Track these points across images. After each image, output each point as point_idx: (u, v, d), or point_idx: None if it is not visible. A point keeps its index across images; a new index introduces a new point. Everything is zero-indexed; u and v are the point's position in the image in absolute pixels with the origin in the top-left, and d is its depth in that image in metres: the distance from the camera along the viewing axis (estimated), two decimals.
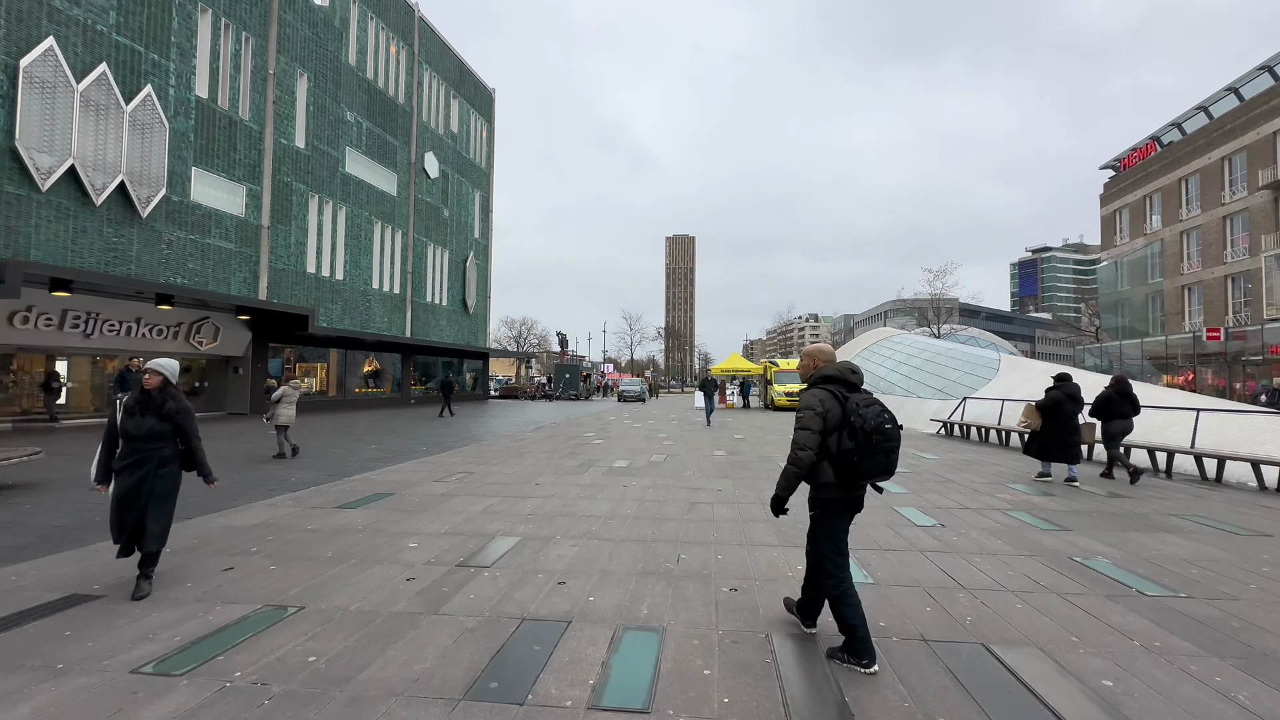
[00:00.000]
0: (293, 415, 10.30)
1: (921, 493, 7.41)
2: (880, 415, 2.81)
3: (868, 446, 2.76)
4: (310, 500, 6.76)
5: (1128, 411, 8.44)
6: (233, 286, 19.12)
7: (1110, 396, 8.50)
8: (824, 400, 2.92)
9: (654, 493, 7.33)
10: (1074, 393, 8.23)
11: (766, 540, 5.18)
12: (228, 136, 19.00)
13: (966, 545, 5.02)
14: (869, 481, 2.90)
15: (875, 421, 2.78)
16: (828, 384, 3.00)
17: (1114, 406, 8.47)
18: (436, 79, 31.31)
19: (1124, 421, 8.47)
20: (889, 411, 2.89)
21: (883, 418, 2.81)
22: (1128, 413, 8.45)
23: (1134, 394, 8.52)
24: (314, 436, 13.59)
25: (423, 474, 8.66)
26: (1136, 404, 8.49)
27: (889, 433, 2.79)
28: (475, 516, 6.02)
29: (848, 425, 2.82)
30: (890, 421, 2.83)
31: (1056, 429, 8.08)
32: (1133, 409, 8.46)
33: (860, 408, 2.82)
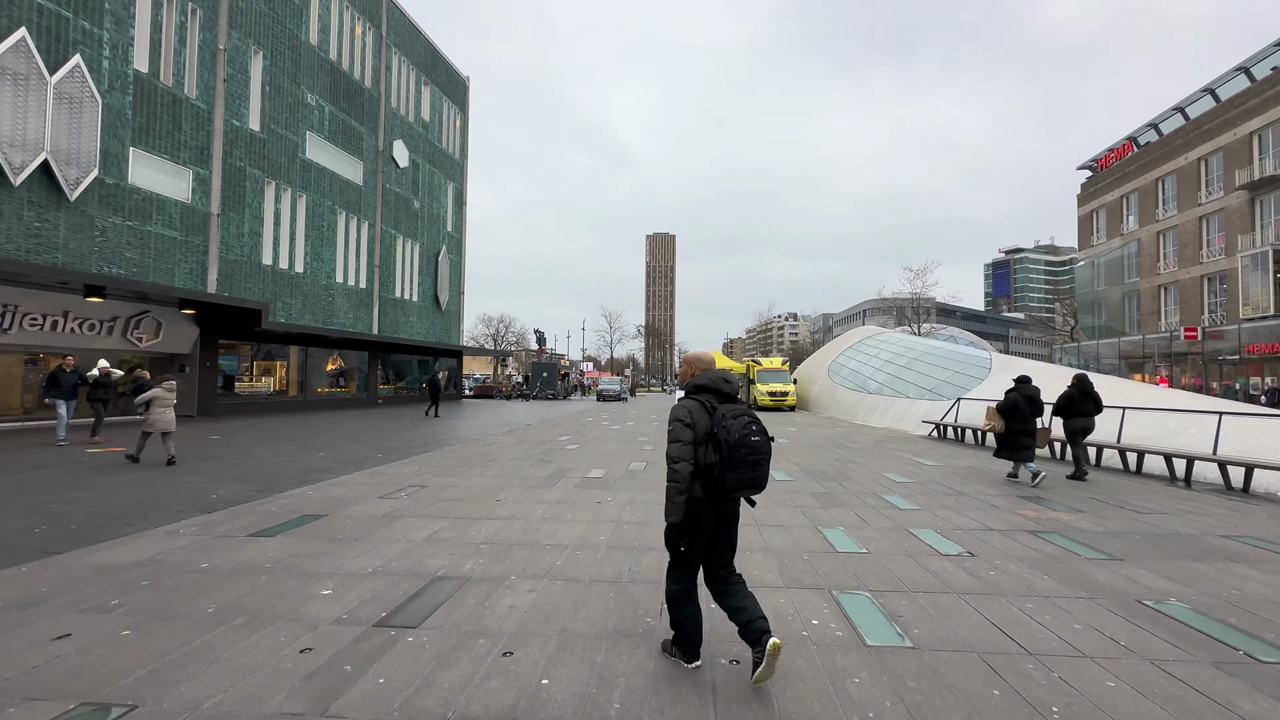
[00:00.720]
0: (171, 419, 9.22)
1: (934, 509, 6.57)
2: (746, 427, 2.69)
3: (731, 459, 2.64)
4: (222, 525, 5.65)
5: (1090, 410, 8.52)
6: (177, 278, 17.65)
7: (1072, 395, 8.56)
8: (693, 411, 2.81)
9: (632, 511, 6.37)
10: (1032, 395, 8.36)
11: (767, 578, 4.26)
12: (171, 115, 17.51)
13: (1009, 583, 4.15)
14: (738, 496, 2.80)
15: (740, 434, 2.65)
16: (699, 394, 2.89)
17: (1076, 405, 8.54)
18: (406, 64, 29.88)
19: (1085, 420, 8.54)
20: (758, 423, 2.77)
21: (749, 429, 2.69)
22: (1090, 411, 8.52)
23: (1095, 392, 8.56)
24: (261, 442, 12.34)
25: (368, 488, 7.57)
26: (1099, 402, 8.52)
27: (755, 445, 2.67)
28: (416, 547, 4.99)
29: (713, 437, 2.70)
30: (758, 433, 2.71)
31: (1018, 431, 8.23)
32: (1095, 407, 8.51)
33: (726, 419, 2.71)
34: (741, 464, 2.65)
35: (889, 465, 9.98)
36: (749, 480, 2.69)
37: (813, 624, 3.48)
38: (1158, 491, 7.75)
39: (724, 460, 2.65)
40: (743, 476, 2.67)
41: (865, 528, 5.70)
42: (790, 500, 7.04)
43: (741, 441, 2.64)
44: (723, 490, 2.71)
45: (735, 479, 2.66)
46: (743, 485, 2.70)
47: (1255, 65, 30.77)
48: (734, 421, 2.69)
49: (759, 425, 2.76)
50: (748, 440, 2.66)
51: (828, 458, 10.91)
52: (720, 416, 2.74)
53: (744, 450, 2.64)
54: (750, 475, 2.69)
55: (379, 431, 15.20)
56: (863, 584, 4.12)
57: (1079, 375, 8.81)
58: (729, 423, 2.69)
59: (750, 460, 2.66)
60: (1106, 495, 7.47)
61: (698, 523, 2.82)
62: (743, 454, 2.64)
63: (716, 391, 2.89)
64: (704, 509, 2.80)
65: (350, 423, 17.85)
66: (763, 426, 2.78)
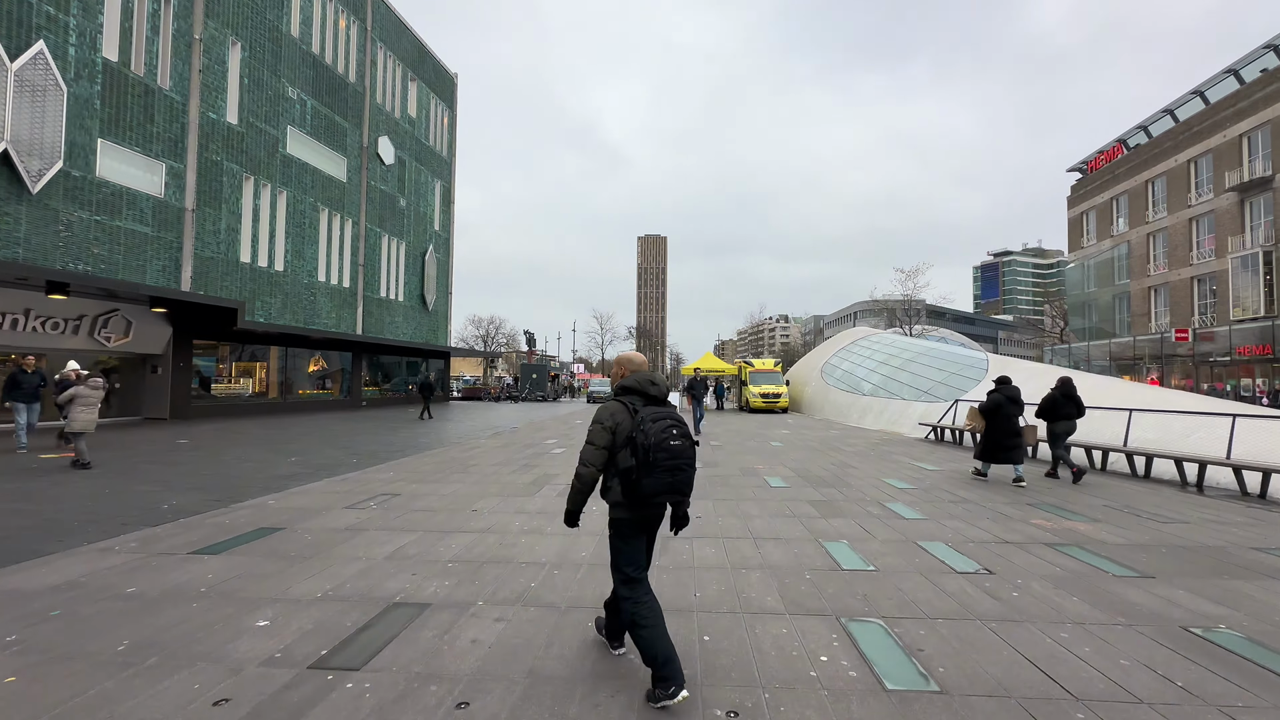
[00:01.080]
0: (92, 421, 8.64)
1: (942, 519, 6.14)
2: (666, 430, 2.61)
3: (648, 464, 2.56)
4: (164, 541, 5.12)
5: (1072, 412, 8.59)
6: (149, 275, 16.97)
7: (1055, 398, 8.62)
8: (615, 413, 2.73)
9: None
10: (1014, 395, 8.41)
11: (768, 602, 3.79)
12: (143, 106, 16.85)
13: (1036, 607, 3.72)
14: (661, 501, 2.67)
15: (658, 437, 2.57)
16: (625, 395, 2.82)
17: (1059, 407, 8.60)
18: (392, 58, 29.27)
19: (1068, 422, 8.63)
20: (681, 426, 2.68)
21: (669, 433, 2.61)
22: (1072, 413, 8.59)
23: (1077, 395, 8.65)
24: (230, 446, 11.74)
25: (336, 497, 7.04)
26: (1080, 405, 8.62)
27: (675, 449, 2.60)
28: (376, 566, 4.48)
29: (631, 441, 2.62)
30: (679, 437, 2.63)
31: (1000, 431, 8.24)
32: (1077, 410, 8.59)
33: (645, 421, 2.63)
34: (658, 468, 2.56)
35: (888, 470, 9.57)
36: (668, 485, 2.60)
37: (821, 661, 3.01)
38: (1172, 498, 7.38)
39: (640, 464, 2.56)
40: (660, 481, 2.58)
41: (870, 540, 5.26)
42: (788, 509, 6.59)
43: (659, 445, 2.56)
44: (640, 496, 2.60)
45: (653, 484, 2.57)
46: (661, 491, 2.60)
47: (1244, 68, 30.86)
48: (654, 425, 2.60)
49: (682, 429, 2.66)
50: (666, 444, 2.57)
51: (824, 462, 10.49)
52: (640, 419, 2.64)
53: (662, 454, 2.56)
54: (669, 481, 2.59)
55: (358, 435, 14.62)
56: (874, 609, 3.67)
57: (1062, 378, 8.85)
58: (648, 425, 2.60)
59: (669, 465, 2.57)
60: (1120, 502, 7.09)
61: (623, 529, 2.75)
62: (660, 458, 2.55)
63: (643, 394, 2.79)
64: (625, 515, 2.71)
65: (330, 426, 17.24)
66: (686, 430, 2.69)
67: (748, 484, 8.17)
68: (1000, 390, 8.47)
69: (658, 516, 2.81)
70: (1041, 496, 7.42)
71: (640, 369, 2.92)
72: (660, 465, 2.56)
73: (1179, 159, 33.93)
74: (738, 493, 7.54)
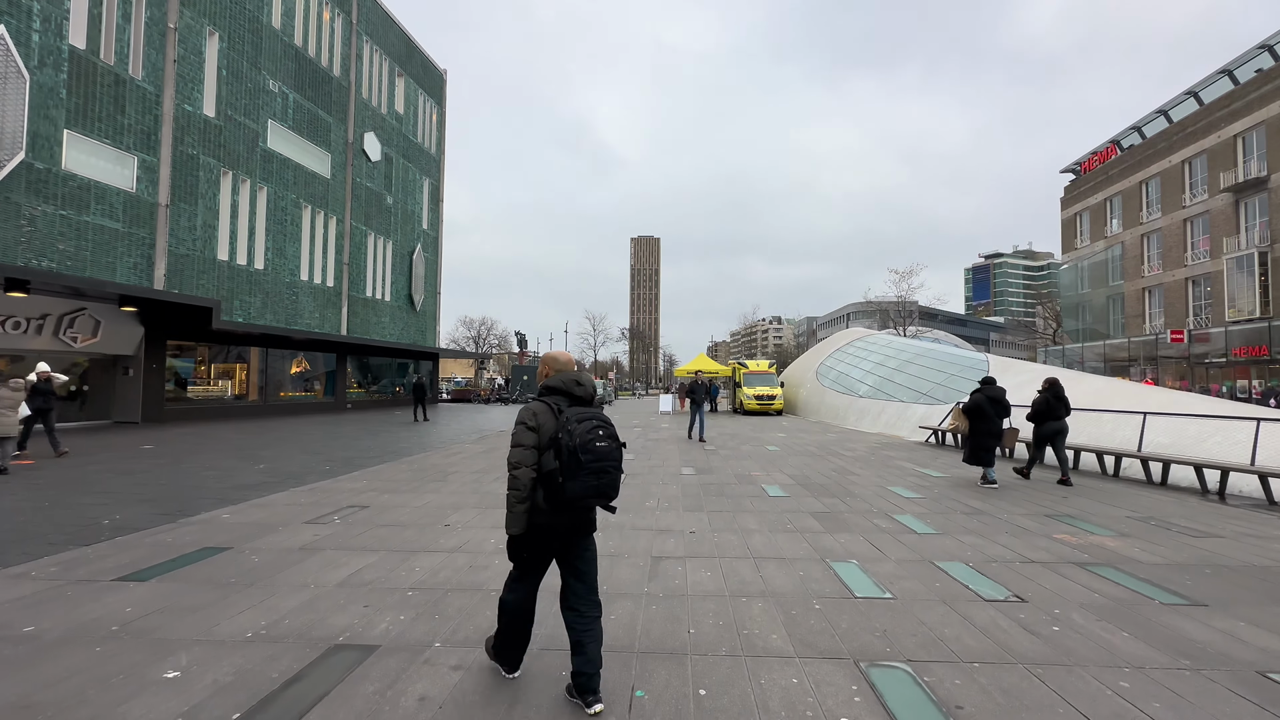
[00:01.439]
0: (12, 424, 8.13)
1: (956, 533, 5.64)
2: (591, 431, 2.51)
3: (572, 466, 2.45)
4: (91, 564, 4.53)
5: (1061, 413, 8.53)
6: (119, 273, 16.27)
7: (1046, 400, 8.56)
8: (538, 414, 2.63)
9: (603, 541, 5.35)
10: (998, 396, 8.34)
11: (773, 641, 3.27)
12: (113, 97, 16.16)
13: (1084, 646, 3.21)
14: (587, 504, 2.57)
15: (583, 438, 2.47)
16: (549, 395, 2.73)
17: (1050, 409, 8.54)
18: (379, 53, 28.62)
19: (1057, 423, 8.55)
20: (607, 427, 2.58)
21: (594, 434, 2.50)
22: (1061, 414, 8.53)
23: (1066, 396, 8.63)
24: (197, 452, 11.09)
25: (297, 510, 6.46)
26: (1068, 405, 8.60)
27: (601, 451, 2.49)
28: (325, 596, 3.92)
29: (555, 442, 2.52)
30: (605, 438, 2.53)
31: (982, 433, 8.18)
32: (1065, 410, 8.55)
33: (570, 422, 2.53)
34: (584, 471, 2.46)
35: (892, 477, 9.08)
36: (593, 488, 2.50)
37: None
38: (1197, 508, 6.93)
39: (565, 466, 2.47)
40: (586, 484, 2.48)
41: (883, 560, 4.75)
42: (789, 522, 6.08)
43: (584, 446, 2.46)
44: (565, 499, 2.50)
45: (578, 487, 2.47)
46: (587, 494, 2.50)
47: (1238, 68, 30.77)
48: (579, 425, 2.51)
49: (608, 430, 2.57)
50: (591, 445, 2.48)
51: (823, 468, 10.00)
52: (565, 420, 2.55)
53: (587, 456, 2.46)
54: (595, 483, 2.50)
55: (337, 439, 13.99)
56: (897, 649, 3.15)
57: (1050, 379, 8.77)
58: (573, 426, 2.51)
59: (594, 467, 2.48)
60: (1142, 512, 6.63)
61: (542, 534, 2.62)
62: (586, 460, 2.46)
63: (567, 394, 2.69)
64: (548, 520, 2.58)
65: (310, 429, 16.59)
66: (612, 431, 2.59)
67: (745, 493, 7.66)
68: (983, 391, 8.41)
69: (587, 521, 2.68)
70: (1057, 506, 6.95)
71: (566, 368, 2.79)
72: (587, 467, 2.46)
73: (1173, 160, 33.83)
74: (735, 503, 7.02)
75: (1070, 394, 12.34)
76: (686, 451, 12.24)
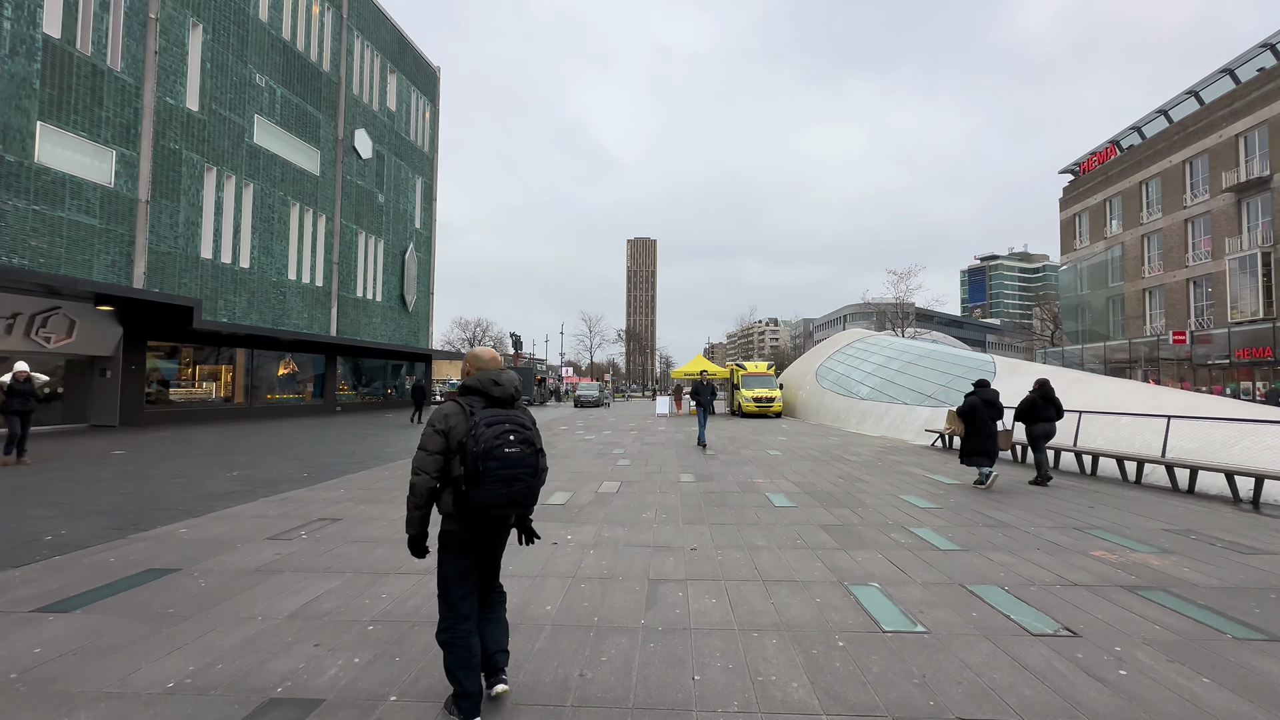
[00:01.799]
0: None
1: (983, 550, 5.15)
2: (501, 436, 2.33)
3: (476, 473, 2.28)
4: (12, 590, 4.00)
5: (1050, 415, 8.51)
6: (96, 270, 15.67)
7: (1034, 400, 8.54)
8: (449, 415, 2.44)
9: (595, 560, 4.83)
10: (991, 398, 8.26)
11: (794, 692, 2.76)
12: (90, 89, 15.59)
13: (1163, 698, 2.71)
14: (496, 514, 2.39)
15: (490, 443, 2.30)
16: (466, 395, 2.52)
17: (1038, 410, 8.50)
18: (370, 48, 28.07)
19: (1046, 425, 8.53)
20: (523, 432, 2.40)
21: (504, 439, 2.33)
22: (1050, 415, 8.52)
23: (1056, 397, 8.59)
24: (169, 457, 10.52)
25: (263, 524, 5.93)
26: (1059, 407, 8.58)
27: (510, 457, 2.32)
28: (272, 631, 3.39)
29: (462, 447, 2.34)
30: (517, 444, 2.35)
31: (975, 434, 8.10)
32: (1056, 412, 8.53)
33: (479, 426, 2.35)
34: (490, 479, 2.31)
35: (903, 484, 8.59)
36: (501, 497, 2.34)
37: None
38: (1233, 519, 6.45)
39: (470, 474, 2.32)
40: (492, 493, 2.32)
41: (907, 583, 4.25)
42: (799, 537, 5.57)
43: (490, 452, 2.31)
44: (470, 508, 2.35)
45: (483, 495, 2.32)
46: (495, 503, 2.34)
47: (1240, 67, 30.51)
48: (488, 429, 2.35)
49: (523, 434, 2.41)
50: (498, 451, 2.32)
51: (829, 474, 9.50)
52: (474, 423, 2.38)
53: (493, 463, 2.31)
54: (504, 492, 2.34)
55: (322, 443, 13.43)
56: (942, 703, 2.65)
57: (1040, 380, 8.75)
58: (481, 430, 2.35)
59: (502, 475, 2.32)
60: (1177, 523, 6.15)
61: (451, 542, 2.50)
62: (491, 467, 2.30)
63: (485, 394, 2.51)
64: (457, 528, 2.47)
65: (295, 433, 16.01)
66: (528, 436, 2.43)
67: (749, 503, 7.15)
68: (977, 393, 8.33)
69: (495, 531, 2.55)
70: (1085, 517, 6.47)
71: (488, 367, 2.60)
72: (493, 475, 2.30)
73: (1174, 160, 33.55)
74: (739, 515, 6.51)
75: (1083, 397, 11.91)
76: (685, 457, 11.74)
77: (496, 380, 2.53)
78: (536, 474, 2.43)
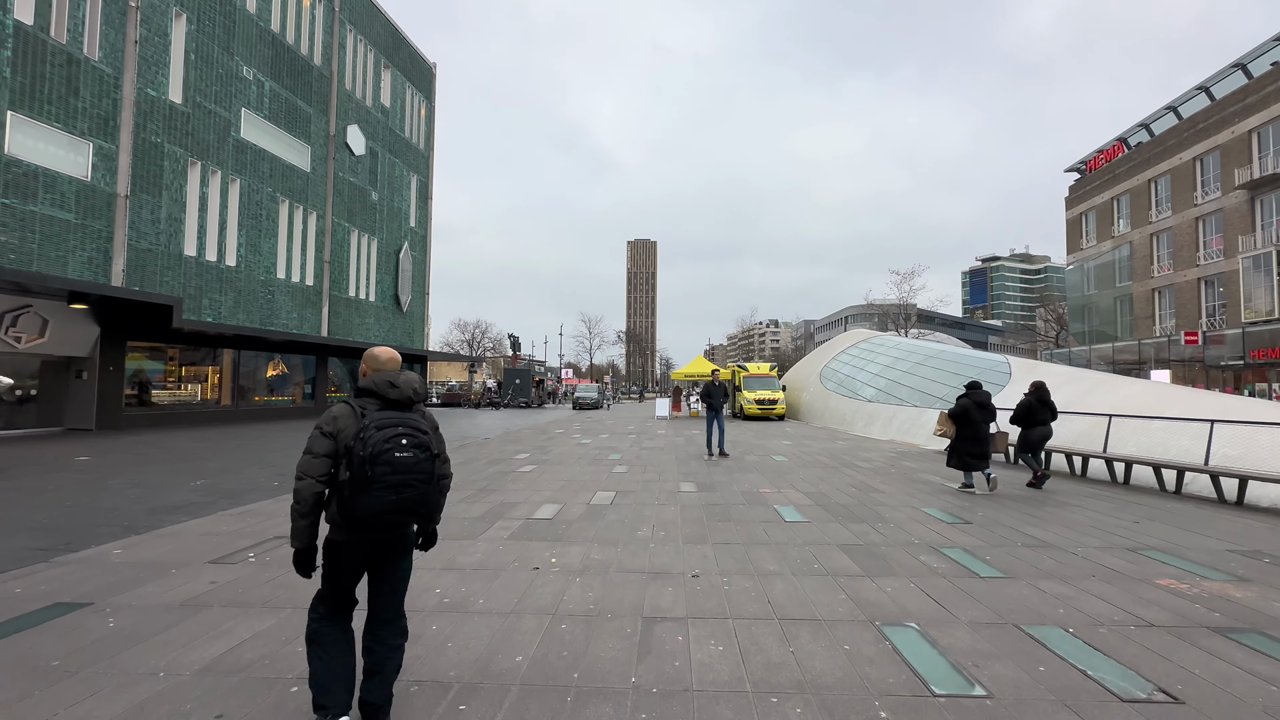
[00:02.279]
0: None
1: (1031, 577, 4.47)
2: (392, 440, 2.14)
3: (362, 479, 2.09)
4: None
5: (1047, 418, 8.45)
6: (72, 267, 15.03)
7: (1030, 403, 8.50)
8: (339, 417, 2.27)
9: (581, 591, 4.15)
10: (983, 401, 8.15)
11: None
12: (65, 78, 14.95)
13: None
14: (384, 523, 2.18)
15: (379, 447, 2.11)
16: (361, 397, 2.36)
17: (1034, 414, 8.45)
18: (363, 43, 27.46)
19: (1043, 428, 8.46)
20: (417, 435, 2.22)
21: (394, 443, 2.14)
22: (1047, 419, 8.45)
23: (1052, 400, 8.52)
24: (135, 465, 9.85)
25: (211, 543, 5.25)
26: (1054, 410, 8.52)
27: (401, 463, 2.13)
28: (170, 694, 2.71)
29: (349, 451, 2.16)
30: (410, 448, 2.16)
31: (968, 438, 7.98)
32: (1051, 415, 8.47)
33: (369, 428, 2.16)
34: (377, 485, 2.09)
35: (922, 495, 7.92)
36: (392, 505, 2.12)
37: None
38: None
39: (355, 479, 2.10)
40: (381, 500, 2.10)
41: (951, 623, 3.56)
42: (816, 560, 4.89)
43: (379, 457, 2.09)
44: (355, 516, 2.13)
45: (370, 503, 2.10)
46: (383, 511, 2.12)
47: (1252, 61, 29.85)
48: (378, 433, 2.14)
49: (417, 439, 2.20)
50: (388, 456, 2.11)
51: (841, 483, 8.82)
52: (364, 425, 2.17)
53: (382, 468, 2.09)
54: (393, 500, 2.12)
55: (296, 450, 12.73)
56: None
57: (1036, 383, 8.69)
58: (370, 434, 2.14)
59: (391, 481, 2.10)
60: (1243, 543, 5.47)
61: (337, 553, 2.29)
62: (380, 472, 2.08)
63: (380, 396, 2.31)
64: (342, 539, 2.26)
65: (279, 436, 15.34)
66: (423, 441, 2.21)
67: (756, 518, 6.47)
68: (969, 395, 8.22)
69: (385, 541, 2.33)
70: (1133, 534, 5.79)
71: (385, 367, 2.45)
72: (380, 481, 2.11)
73: (1184, 157, 32.90)
74: (746, 532, 5.83)
75: (1108, 401, 11.23)
76: (685, 463, 11.05)
77: (393, 382, 2.34)
78: (431, 480, 2.23)
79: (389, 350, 2.53)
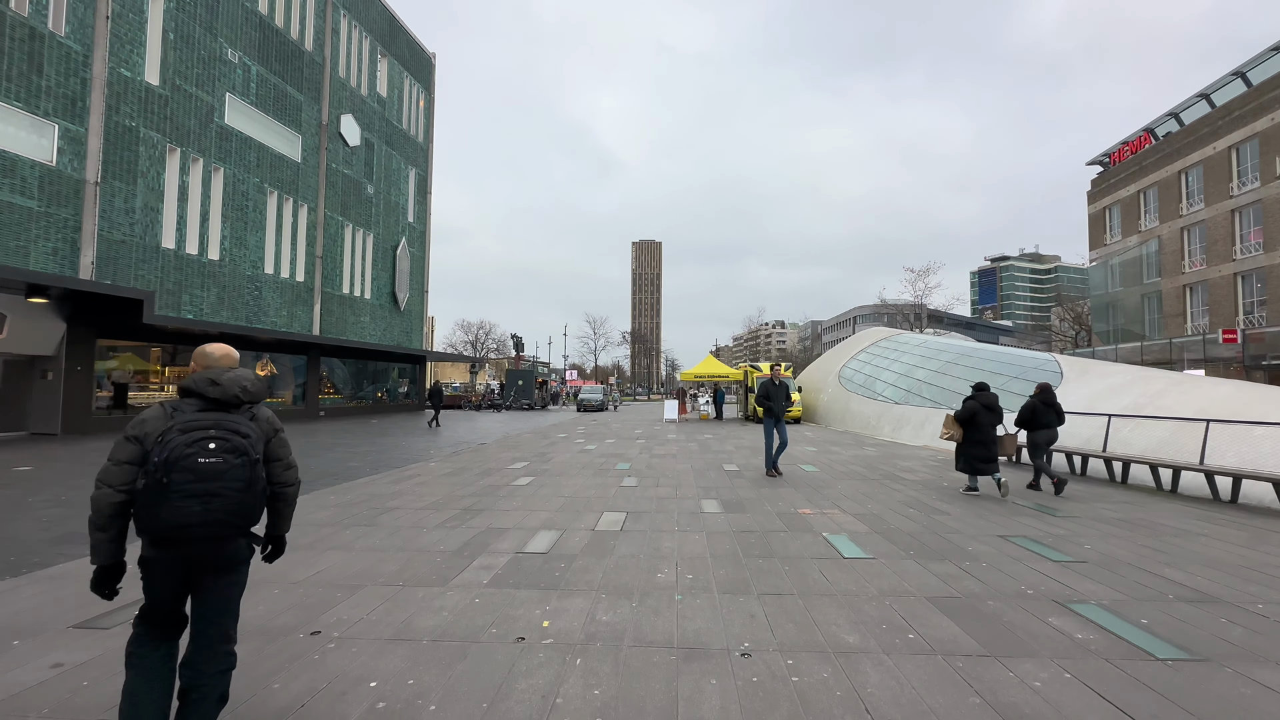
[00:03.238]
0: None
1: (1229, 660, 3.13)
2: (195, 444, 1.90)
3: (160, 487, 1.86)
4: None
5: (1052, 421, 8.32)
6: (34, 258, 13.87)
7: (1035, 406, 8.35)
8: (147, 420, 2.03)
9: (583, 681, 2.84)
10: (991, 403, 7.92)
11: None
12: (27, 54, 13.81)
13: None
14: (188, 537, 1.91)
15: (180, 452, 1.88)
16: (184, 397, 2.10)
17: (1039, 416, 8.29)
18: (358, 29, 26.33)
19: (1049, 431, 8.32)
20: (231, 439, 1.96)
21: (198, 447, 1.90)
22: (1052, 422, 8.32)
23: (1058, 403, 8.38)
24: (80, 476, 8.59)
25: (90, 596, 3.96)
26: (1061, 413, 8.37)
27: (205, 469, 1.90)
28: None
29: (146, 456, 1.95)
30: (219, 453, 1.92)
31: (975, 441, 7.72)
32: (1057, 418, 8.33)
33: (172, 431, 1.93)
34: (175, 493, 1.86)
35: (997, 518, 6.57)
36: (195, 517, 1.88)
37: None
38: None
39: (151, 487, 1.88)
40: (182, 513, 1.87)
41: None
42: (907, 625, 3.56)
43: (176, 463, 1.87)
44: (152, 529, 1.90)
45: (170, 514, 1.86)
46: (185, 523, 1.87)
47: None
48: (181, 436, 1.91)
49: (229, 443, 1.95)
50: (189, 461, 1.88)
51: (892, 500, 7.48)
52: (168, 428, 1.94)
53: (180, 475, 1.87)
54: (197, 510, 1.88)
55: None
56: None
57: (1041, 386, 8.52)
58: (172, 437, 1.91)
59: (192, 489, 1.88)
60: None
61: (150, 570, 2.02)
62: (177, 480, 1.87)
63: (201, 397, 2.07)
64: (152, 555, 1.99)
65: None
66: (239, 445, 1.97)
67: (805, 551, 5.14)
68: (976, 398, 7.95)
69: (199, 557, 1.98)
70: None
71: (217, 364, 2.20)
72: (180, 490, 1.86)
73: (1218, 146, 31.34)
74: (798, 574, 4.50)
75: (1186, 401, 9.85)
76: (703, 475, 9.71)
77: (215, 380, 2.06)
78: (250, 488, 1.97)
79: (224, 346, 2.30)
